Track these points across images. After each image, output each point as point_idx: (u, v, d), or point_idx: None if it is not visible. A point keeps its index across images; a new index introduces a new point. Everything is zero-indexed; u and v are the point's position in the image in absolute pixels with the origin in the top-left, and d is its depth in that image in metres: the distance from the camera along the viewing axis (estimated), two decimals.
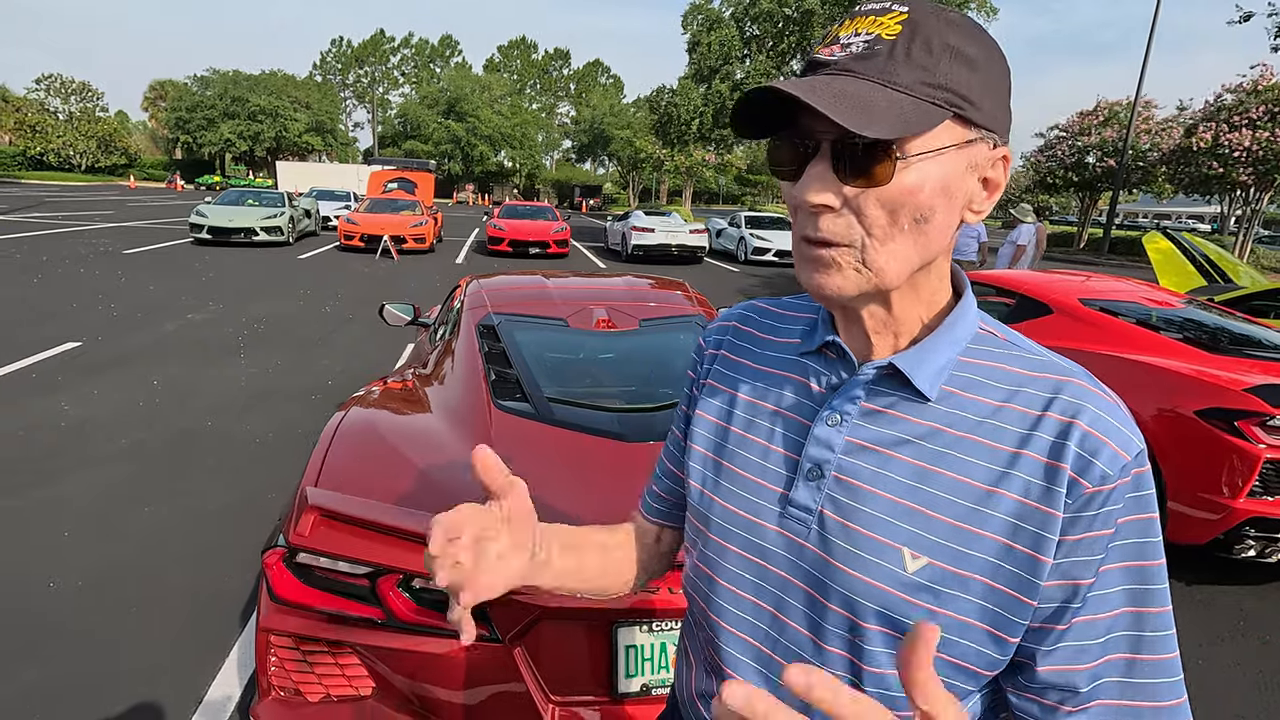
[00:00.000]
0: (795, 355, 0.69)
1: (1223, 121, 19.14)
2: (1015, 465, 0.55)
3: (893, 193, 0.53)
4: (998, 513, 0.55)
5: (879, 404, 0.61)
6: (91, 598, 2.57)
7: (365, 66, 71.68)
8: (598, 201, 52.51)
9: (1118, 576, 0.55)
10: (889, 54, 0.52)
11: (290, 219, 15.27)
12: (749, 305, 0.79)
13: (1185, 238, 6.83)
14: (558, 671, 1.38)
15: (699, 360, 0.78)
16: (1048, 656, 0.55)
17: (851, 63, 0.53)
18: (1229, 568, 3.09)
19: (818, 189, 0.54)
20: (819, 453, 0.62)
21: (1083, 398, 0.56)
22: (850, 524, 0.59)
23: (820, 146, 0.54)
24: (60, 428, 4.16)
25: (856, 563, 0.58)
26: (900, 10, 0.53)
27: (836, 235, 0.55)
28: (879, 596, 0.57)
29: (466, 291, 2.81)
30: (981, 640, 0.56)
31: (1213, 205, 29.40)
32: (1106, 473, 0.53)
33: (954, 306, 0.62)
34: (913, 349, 0.60)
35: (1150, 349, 3.31)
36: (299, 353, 6.27)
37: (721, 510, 0.68)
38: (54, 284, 8.82)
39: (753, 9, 25.49)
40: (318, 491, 1.45)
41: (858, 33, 0.53)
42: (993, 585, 0.55)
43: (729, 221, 18.11)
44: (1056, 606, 0.55)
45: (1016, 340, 0.62)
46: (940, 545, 0.56)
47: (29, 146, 47.57)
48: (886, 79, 0.51)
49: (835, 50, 0.54)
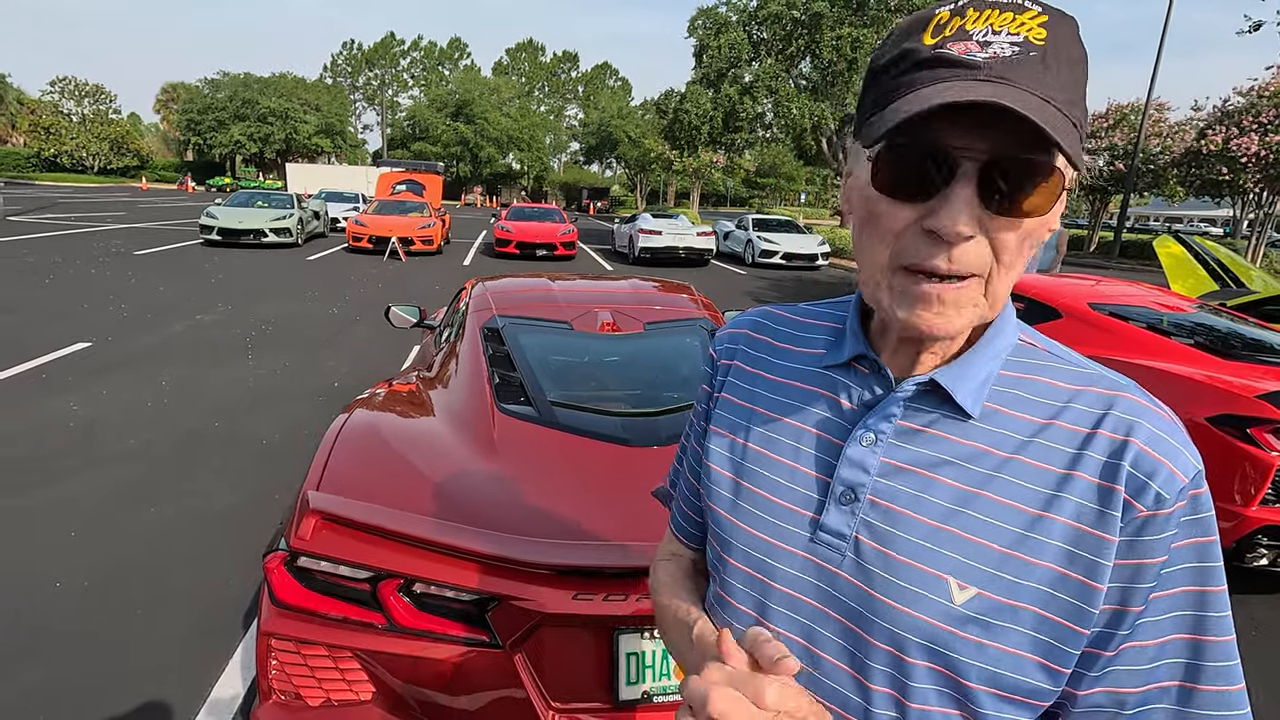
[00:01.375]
0: (819, 368, 0.64)
1: (1233, 125, 18.98)
2: (1066, 487, 0.52)
3: (1040, 220, 0.49)
4: (1050, 539, 0.51)
5: (918, 422, 0.57)
6: (97, 598, 2.58)
7: (375, 69, 72.14)
8: (605, 204, 52.58)
9: (1171, 603, 0.51)
10: (1042, 63, 0.46)
11: (299, 220, 15.36)
12: (762, 312, 0.74)
13: (1197, 241, 6.77)
14: (559, 678, 1.37)
15: (712, 371, 0.73)
16: (1096, 680, 0.53)
17: (1005, 69, 0.46)
18: (1242, 577, 3.05)
19: (966, 218, 0.47)
20: (852, 475, 0.57)
21: (1137, 414, 0.53)
22: (889, 551, 0.55)
23: (962, 166, 0.47)
24: (69, 428, 4.19)
25: (899, 594, 0.54)
26: (1036, 9, 0.47)
27: (972, 267, 0.49)
28: (926, 630, 0.53)
29: (472, 294, 2.81)
30: (1032, 672, 0.52)
31: (1225, 209, 29.17)
32: (1163, 496, 0.50)
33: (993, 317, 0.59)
34: (954, 364, 0.56)
35: (1161, 354, 3.27)
36: (306, 354, 6.29)
37: (744, 535, 0.63)
38: (65, 284, 8.89)
39: (760, 12, 25.49)
40: (319, 495, 1.45)
41: (995, 30, 0.47)
42: (1046, 615, 0.51)
43: (736, 224, 18.08)
44: (1104, 632, 0.52)
45: (1059, 352, 0.59)
46: (990, 575, 0.52)
47: (43, 148, 48.09)
48: (1047, 94, 0.45)
49: (973, 48, 0.46)
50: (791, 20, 24.72)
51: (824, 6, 23.13)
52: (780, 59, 26.05)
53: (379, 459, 1.70)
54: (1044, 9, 0.47)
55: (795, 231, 16.71)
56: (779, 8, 24.57)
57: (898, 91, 0.48)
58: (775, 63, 25.99)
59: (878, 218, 0.52)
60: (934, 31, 0.48)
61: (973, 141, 0.47)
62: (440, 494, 1.54)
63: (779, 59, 26.06)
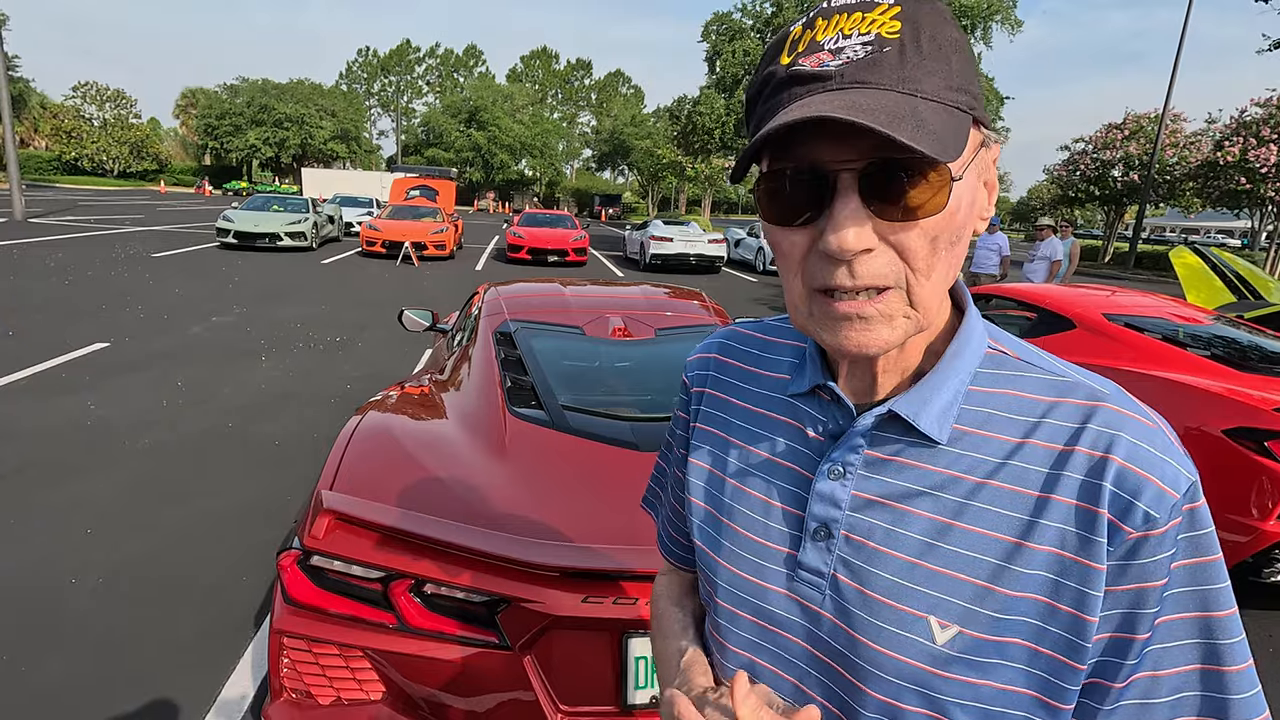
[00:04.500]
0: (785, 395, 0.61)
1: (1251, 136, 18.81)
2: (1044, 513, 0.48)
3: (939, 219, 0.46)
4: (1031, 569, 0.48)
5: (885, 452, 0.54)
6: (111, 594, 2.61)
7: (391, 76, 72.89)
8: (617, 210, 52.72)
9: (1178, 629, 0.48)
10: (900, 56, 0.44)
11: (314, 225, 15.52)
12: (729, 332, 0.71)
13: (1214, 253, 6.70)
14: (567, 681, 1.37)
15: (687, 399, 0.71)
16: (1111, 715, 0.49)
17: (860, 71, 0.44)
18: (1258, 592, 3.01)
19: (856, 231, 0.45)
20: (824, 510, 0.55)
21: (1118, 426, 0.48)
22: (867, 590, 0.52)
23: (839, 179, 0.45)
24: (87, 426, 4.24)
25: (880, 636, 0.51)
26: (885, 3, 0.45)
27: (880, 278, 0.46)
28: (912, 674, 0.50)
29: (484, 298, 2.83)
30: (1031, 708, 0.49)
31: (1242, 220, 28.84)
32: (1152, 515, 0.46)
33: (957, 325, 0.55)
34: (914, 389, 0.53)
35: (1176, 366, 3.24)
36: (319, 356, 6.34)
37: (727, 574, 0.61)
38: (85, 286, 9.02)
39: (775, 20, 25.57)
40: (333, 495, 1.46)
41: (845, 34, 0.45)
42: (1037, 650, 0.48)
43: (748, 231, 18.09)
44: (1110, 662, 0.48)
45: (1034, 359, 0.54)
46: (970, 611, 0.49)
47: (64, 151, 48.88)
48: (911, 87, 0.44)
49: (825, 58, 0.45)
50: None
51: None
52: None
53: (392, 460, 1.72)
54: (894, 1, 0.45)
55: None
56: (795, 14, 24.64)
57: (764, 119, 0.47)
58: None
59: (779, 247, 0.50)
60: (789, 49, 0.47)
61: (842, 152, 0.45)
62: (452, 496, 1.55)
63: None
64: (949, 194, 0.45)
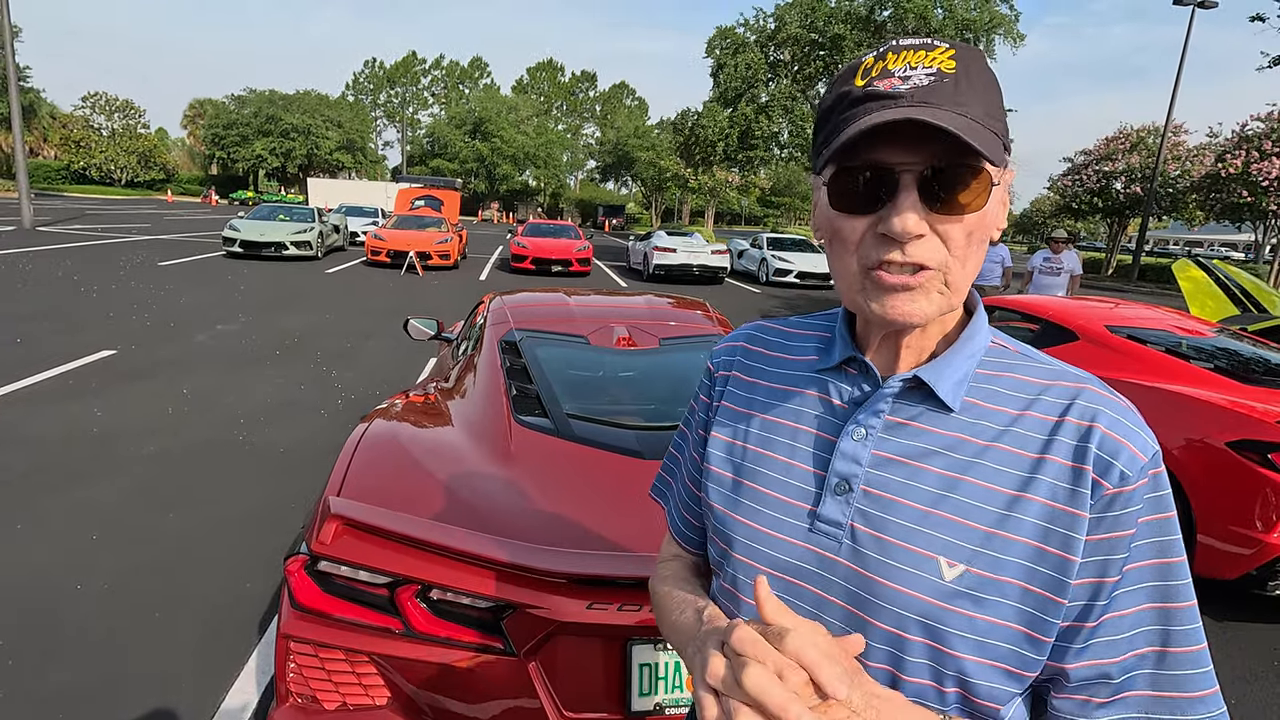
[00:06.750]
0: (812, 372, 0.70)
1: (1254, 149, 18.83)
2: (1040, 470, 0.58)
3: (977, 216, 0.57)
4: (1028, 516, 0.57)
5: (904, 416, 0.63)
6: (116, 601, 2.62)
7: (397, 87, 73.46)
8: (620, 221, 52.86)
9: (1141, 574, 0.57)
10: (955, 87, 0.55)
11: (319, 234, 15.60)
12: (755, 326, 0.80)
13: (1218, 266, 6.70)
14: (572, 687, 1.38)
15: (710, 383, 0.79)
16: (1080, 654, 0.57)
17: (925, 94, 0.55)
18: (1261, 604, 3.00)
19: (915, 218, 0.55)
20: (846, 467, 0.63)
21: (1099, 403, 0.59)
22: (883, 536, 0.60)
23: (901, 178, 0.56)
24: (93, 433, 4.26)
25: (893, 574, 0.59)
26: (945, 46, 0.57)
27: (926, 259, 0.57)
28: (919, 607, 0.58)
29: (489, 308, 2.85)
30: (1018, 641, 0.57)
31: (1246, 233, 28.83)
32: (1126, 474, 0.56)
33: (966, 323, 0.65)
34: (933, 362, 0.63)
35: (1180, 378, 3.24)
36: (324, 365, 6.37)
37: (745, 529, 0.68)
38: (92, 294, 9.08)
39: (778, 34, 25.75)
40: (340, 501, 1.48)
41: (913, 66, 0.56)
42: (1028, 588, 0.57)
43: (751, 243, 18.13)
44: (1085, 605, 0.57)
45: (1028, 352, 0.65)
46: (975, 552, 0.58)
47: (73, 161, 49.23)
48: (963, 111, 0.54)
49: (896, 83, 0.56)
50: (810, 42, 24.94)
51: (844, 30, 23.35)
52: (797, 80, 26.26)
53: (398, 467, 1.73)
54: (951, 45, 0.57)
55: (809, 251, 16.70)
56: (798, 30, 24.82)
57: (840, 126, 0.57)
58: (791, 84, 26.19)
59: (840, 232, 0.60)
60: (863, 75, 0.58)
61: (908, 157, 0.55)
62: (458, 502, 1.56)
63: (795, 80, 26.26)
64: (988, 196, 0.56)
